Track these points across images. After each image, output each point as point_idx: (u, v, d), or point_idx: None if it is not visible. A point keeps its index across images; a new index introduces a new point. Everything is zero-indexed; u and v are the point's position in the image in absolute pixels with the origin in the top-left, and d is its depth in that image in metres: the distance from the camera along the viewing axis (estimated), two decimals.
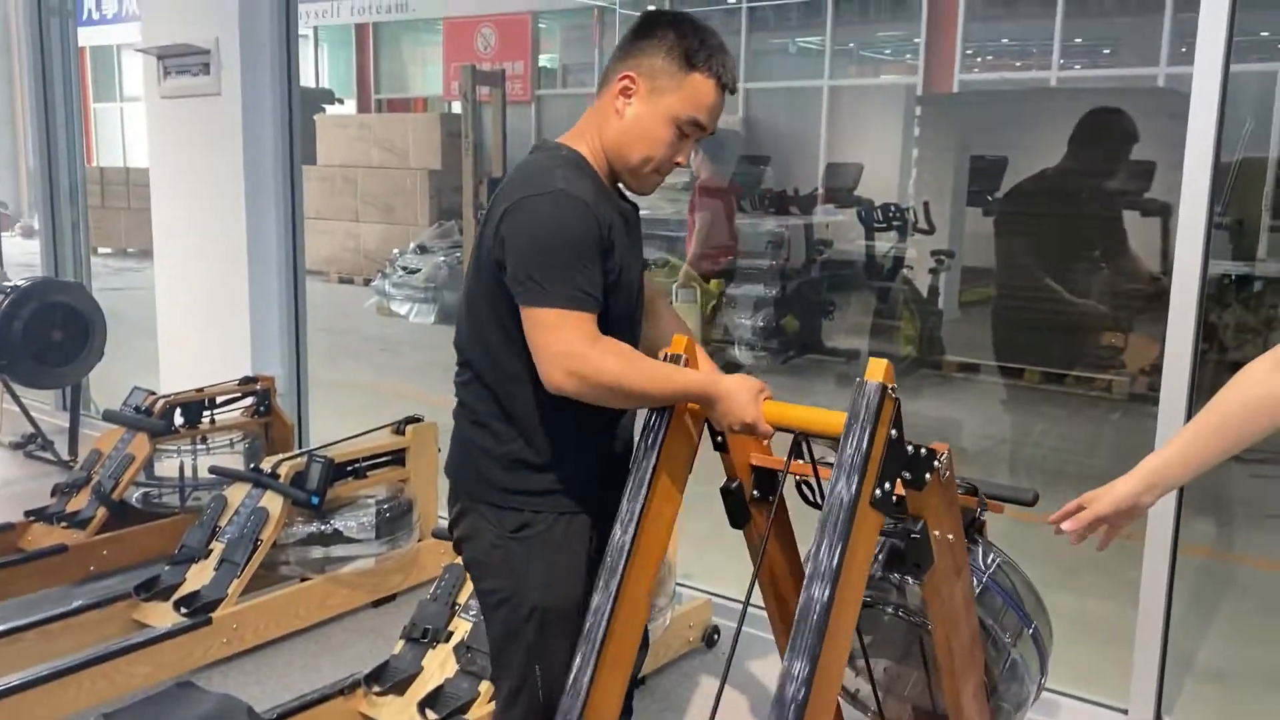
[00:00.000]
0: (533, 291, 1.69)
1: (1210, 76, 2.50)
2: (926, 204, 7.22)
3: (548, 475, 1.82)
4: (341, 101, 13.79)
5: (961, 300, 6.88)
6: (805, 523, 2.01)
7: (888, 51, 12.23)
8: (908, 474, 1.65)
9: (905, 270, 7.38)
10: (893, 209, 7.79)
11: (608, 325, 1.76)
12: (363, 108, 15.00)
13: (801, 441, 1.76)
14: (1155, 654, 2.65)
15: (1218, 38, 2.48)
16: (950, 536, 1.81)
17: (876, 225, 7.65)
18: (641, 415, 1.90)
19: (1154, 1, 9.26)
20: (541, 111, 13.72)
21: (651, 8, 1.94)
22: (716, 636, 3.19)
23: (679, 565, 3.16)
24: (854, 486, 1.57)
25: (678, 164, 1.83)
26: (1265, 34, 8.66)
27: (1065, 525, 1.68)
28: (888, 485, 1.61)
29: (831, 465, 1.64)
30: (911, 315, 7.07)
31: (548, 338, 1.69)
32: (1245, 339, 6.78)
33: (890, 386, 1.59)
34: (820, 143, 10.92)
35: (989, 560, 2.11)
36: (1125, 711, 2.70)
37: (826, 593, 1.54)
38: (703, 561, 3.60)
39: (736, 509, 1.88)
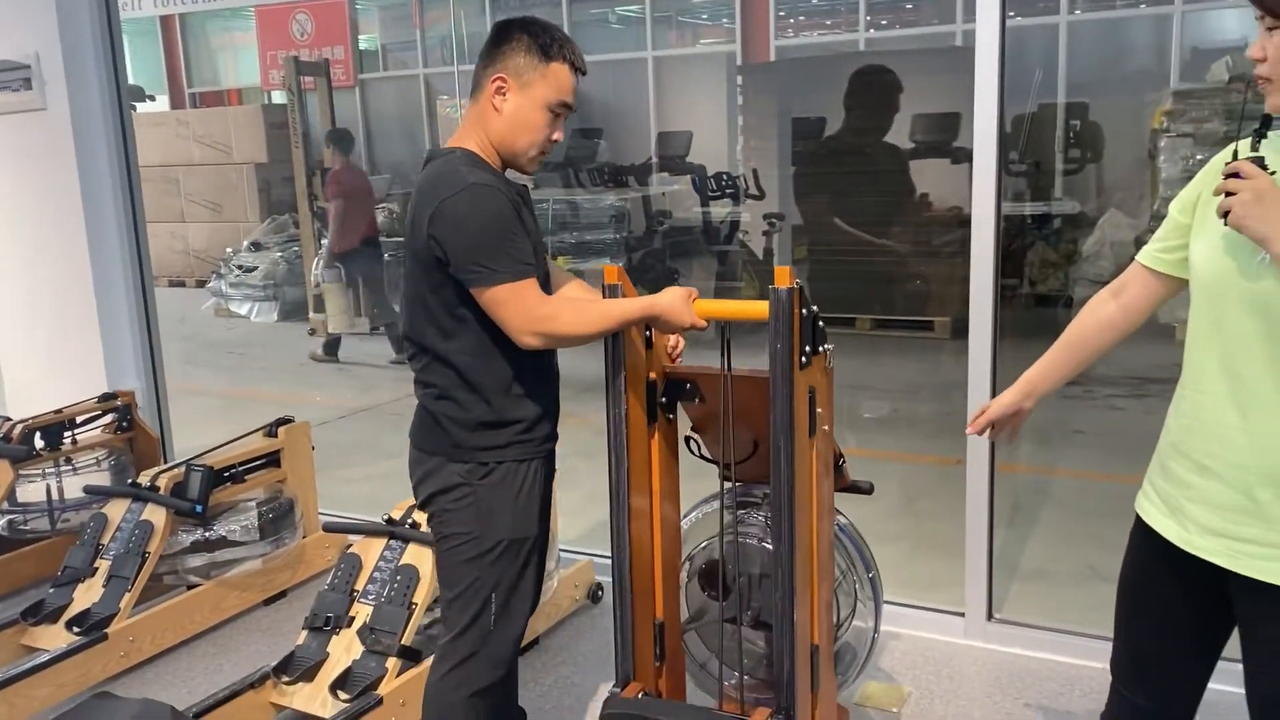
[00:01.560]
0: (482, 275, 1.97)
1: (990, 31, 2.80)
2: (755, 171, 7.58)
3: (508, 429, 2.12)
4: (153, 98, 13.22)
5: (795, 258, 7.30)
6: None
7: (704, 16, 12.56)
8: (809, 347, 2.03)
9: (741, 234, 7.75)
10: (725, 177, 8.14)
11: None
12: (176, 103, 14.39)
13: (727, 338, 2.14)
14: (983, 561, 3.03)
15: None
16: (826, 428, 2.15)
17: (711, 194, 7.98)
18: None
19: None
20: (366, 96, 13.51)
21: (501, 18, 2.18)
22: (600, 593, 3.42)
23: (560, 532, 3.37)
24: (787, 348, 1.96)
25: (556, 142, 2.12)
26: None
27: (968, 429, 2.04)
28: (807, 349, 2.01)
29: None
30: (751, 276, 7.46)
31: (508, 310, 1.99)
32: (1049, 273, 7.45)
33: (795, 283, 1.96)
34: (650, 113, 11.19)
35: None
36: (962, 614, 3.08)
37: (787, 439, 1.98)
38: (577, 527, 3.83)
39: (649, 405, 2.21)
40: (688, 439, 2.34)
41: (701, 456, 2.36)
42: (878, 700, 2.77)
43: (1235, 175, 1.48)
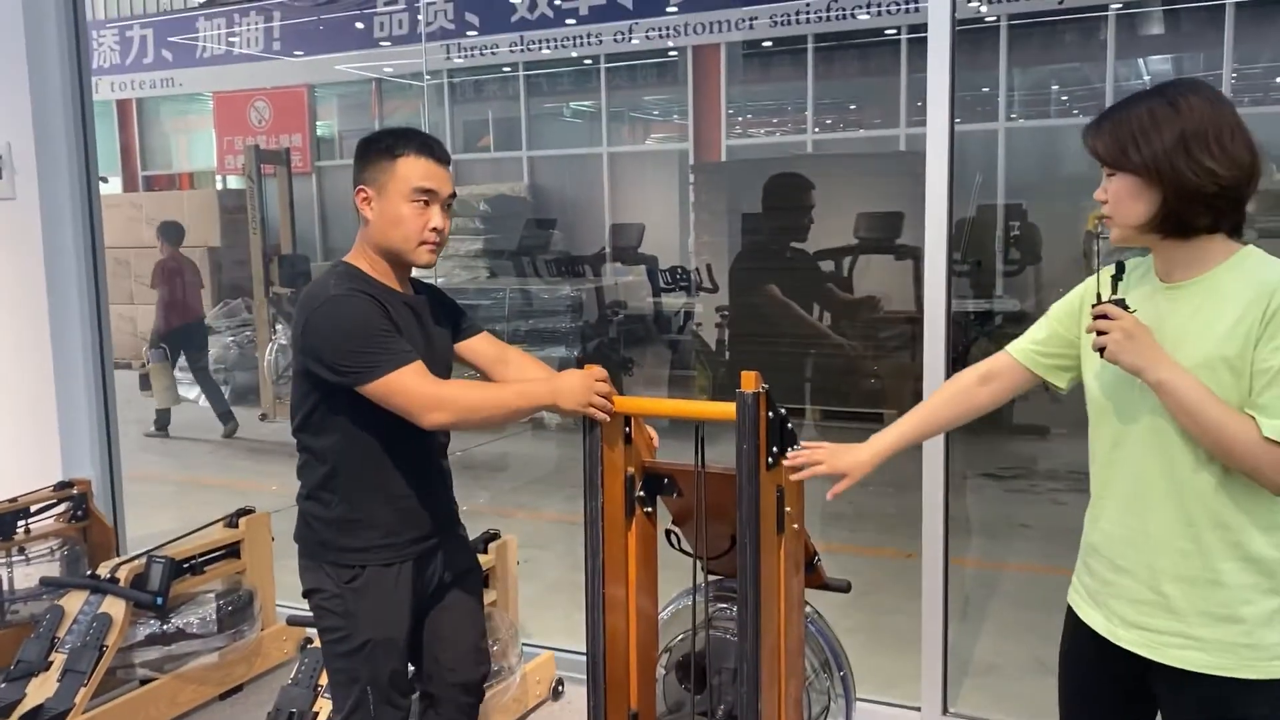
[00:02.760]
0: (361, 373, 2.09)
1: (940, 135, 2.97)
2: (709, 266, 7.78)
3: (370, 532, 2.23)
4: (106, 180, 13.20)
5: (733, 348, 7.45)
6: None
7: (657, 113, 12.94)
8: (776, 448, 2.11)
9: (694, 325, 7.91)
10: (679, 271, 8.34)
11: None
12: (129, 186, 14.39)
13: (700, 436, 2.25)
14: (938, 656, 3.10)
15: (942, 106, 2.94)
16: (796, 526, 2.22)
17: (665, 286, 8.16)
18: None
19: (891, 65, 10.32)
20: (322, 182, 13.63)
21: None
22: (561, 689, 3.43)
23: (520, 625, 3.39)
24: (753, 449, 2.06)
25: (437, 230, 2.21)
26: (986, 90, 9.84)
27: (799, 475, 2.10)
28: (775, 450, 2.09)
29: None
30: (703, 365, 7.60)
31: (399, 398, 2.09)
32: None
33: (762, 387, 2.05)
34: (604, 205, 11.44)
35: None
36: (919, 709, 3.14)
37: (753, 536, 2.07)
38: (539, 620, 3.84)
39: (627, 498, 2.28)
40: (668, 533, 2.41)
41: (681, 550, 2.43)
42: None
43: (1104, 315, 1.67)
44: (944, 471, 3.07)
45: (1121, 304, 1.69)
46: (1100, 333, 1.66)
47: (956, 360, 3.17)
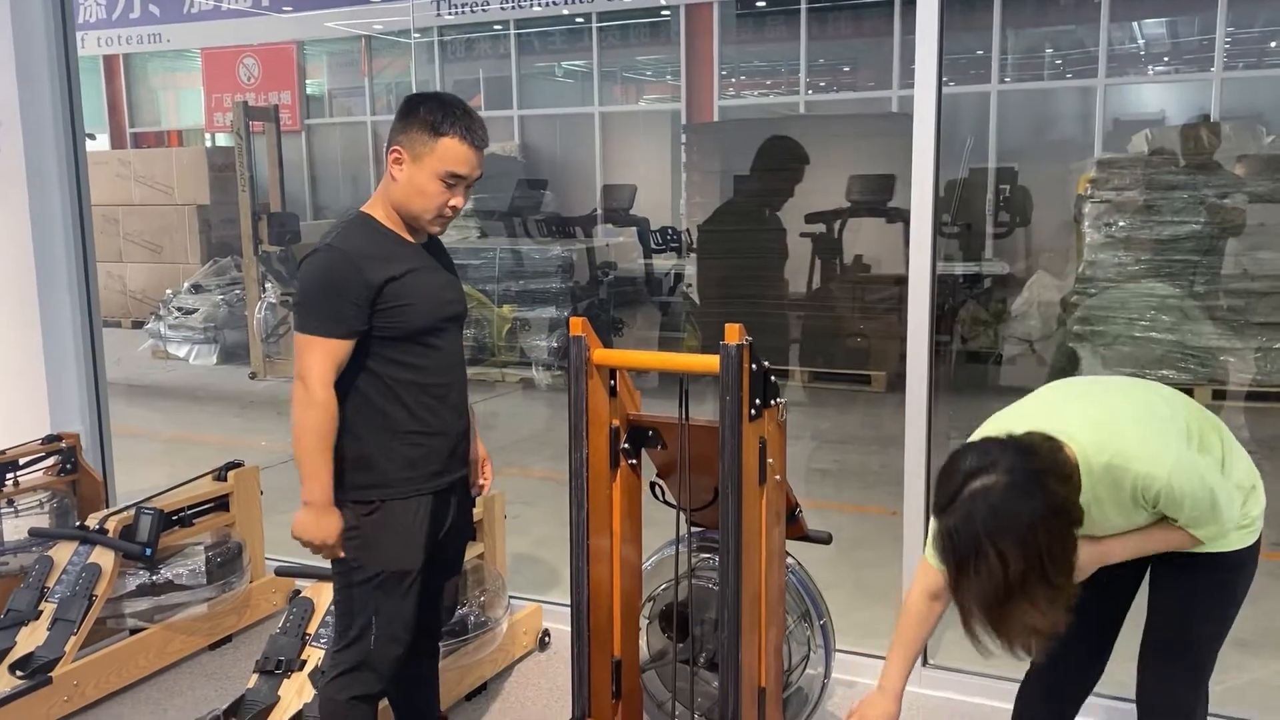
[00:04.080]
0: (298, 320, 2.24)
1: (928, 97, 2.96)
2: (700, 226, 7.76)
3: (386, 467, 2.30)
4: (94, 137, 13.09)
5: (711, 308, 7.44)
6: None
7: (650, 74, 12.86)
8: (758, 400, 2.15)
9: (685, 287, 7.91)
10: (670, 232, 8.31)
11: (408, 340, 2.26)
12: (117, 143, 14.26)
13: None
14: None
15: (930, 70, 2.94)
16: (778, 478, 2.25)
17: (655, 247, 8.14)
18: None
19: (884, 26, 10.25)
20: (312, 140, 13.53)
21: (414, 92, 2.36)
22: (547, 639, 3.47)
23: (508, 579, 3.43)
24: (736, 401, 2.10)
25: (455, 208, 2.29)
26: (979, 52, 9.80)
27: None
28: (757, 402, 2.13)
29: None
30: (693, 327, 7.61)
31: (299, 362, 2.22)
32: (979, 330, 7.72)
33: (745, 339, 2.10)
34: (596, 166, 11.38)
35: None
36: None
37: (735, 487, 2.10)
38: (526, 573, 3.89)
39: (611, 450, 2.33)
40: (653, 485, 2.44)
41: (665, 502, 2.46)
42: None
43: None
44: (926, 430, 3.10)
45: None
46: None
47: (940, 317, 3.19)
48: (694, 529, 2.51)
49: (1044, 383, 2.15)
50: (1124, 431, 1.82)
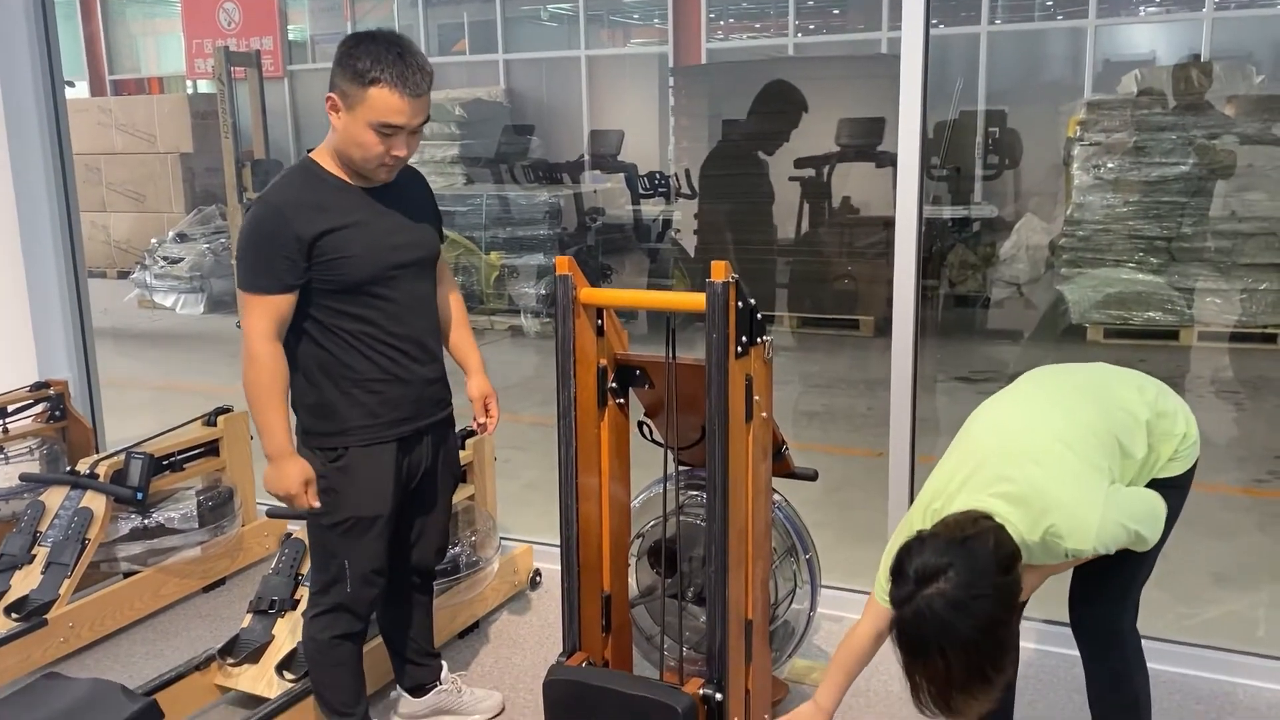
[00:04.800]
0: (239, 277, 2.24)
1: (915, 38, 2.92)
2: (687, 170, 7.72)
3: (348, 413, 2.30)
4: (73, 84, 12.90)
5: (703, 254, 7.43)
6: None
7: (636, 16, 12.69)
8: (745, 337, 2.15)
9: (673, 232, 7.88)
10: (658, 176, 8.26)
11: (352, 291, 2.23)
12: (97, 90, 14.05)
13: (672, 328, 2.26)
14: None
15: (918, 11, 2.90)
16: (764, 415, 2.26)
17: (643, 192, 8.09)
18: None
19: None
20: (295, 87, 13.34)
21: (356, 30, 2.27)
22: (539, 579, 3.52)
23: (499, 520, 3.46)
24: (722, 338, 2.09)
25: (398, 157, 2.20)
26: None
27: None
28: (744, 339, 2.12)
29: None
30: (682, 273, 7.60)
31: (243, 320, 2.21)
32: (968, 274, 7.73)
33: (731, 277, 2.10)
34: (583, 111, 11.27)
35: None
36: None
37: (721, 424, 2.11)
38: (517, 515, 3.92)
39: (599, 389, 2.33)
40: (640, 424, 2.45)
41: (653, 441, 2.48)
42: (807, 676, 2.91)
43: None
44: (912, 373, 3.12)
45: None
46: None
47: (928, 261, 3.19)
48: (681, 467, 2.54)
49: (1032, 326, 2.19)
50: (1050, 509, 1.90)
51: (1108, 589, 2.13)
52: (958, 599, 1.75)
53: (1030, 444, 1.99)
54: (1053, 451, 1.96)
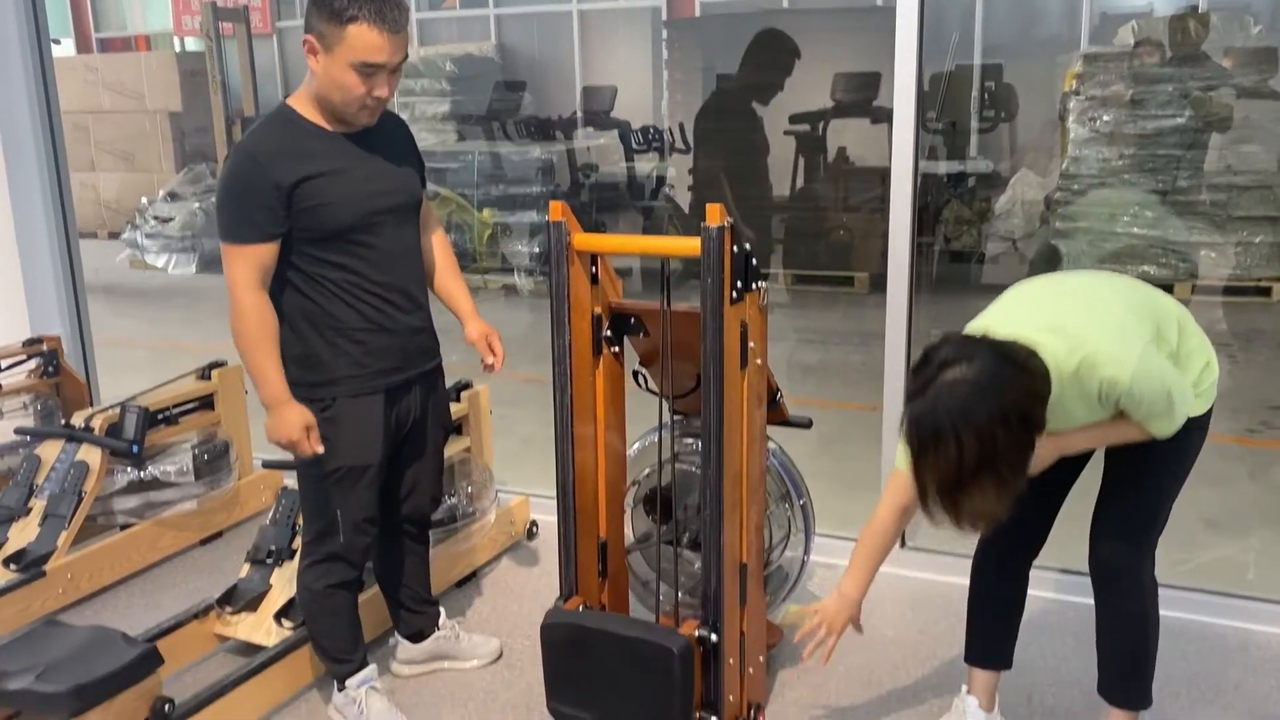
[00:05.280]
0: (220, 229, 2.20)
1: None
2: (681, 125, 7.67)
3: (334, 363, 2.29)
4: (58, 42, 12.74)
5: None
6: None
7: None
8: (740, 283, 2.15)
9: (667, 189, 7.83)
10: (651, 131, 8.20)
11: (334, 239, 2.22)
12: (83, 48, 13.88)
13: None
14: None
15: None
16: (759, 362, 2.27)
17: (636, 147, 8.03)
18: None
19: None
20: (284, 43, 13.18)
21: None
22: (535, 529, 3.53)
23: (496, 473, 3.47)
24: (718, 284, 2.10)
25: (379, 98, 2.18)
26: None
27: (817, 655, 2.20)
28: (739, 285, 2.13)
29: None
30: (676, 230, 7.57)
31: (227, 273, 2.20)
32: (963, 229, 7.71)
33: (726, 221, 2.10)
34: (575, 66, 11.16)
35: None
36: None
37: (716, 369, 2.12)
38: (513, 469, 3.94)
39: (594, 337, 2.34)
40: (635, 373, 2.45)
41: (649, 390, 2.48)
42: (797, 620, 2.93)
43: None
44: (906, 328, 3.12)
45: None
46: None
47: (923, 216, 3.18)
48: (676, 416, 2.54)
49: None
50: (1091, 338, 1.89)
51: (1131, 527, 2.12)
52: (980, 382, 1.72)
53: (1074, 290, 2.03)
54: (1097, 300, 1.99)
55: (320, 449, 2.27)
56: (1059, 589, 3.00)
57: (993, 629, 2.35)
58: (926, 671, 2.70)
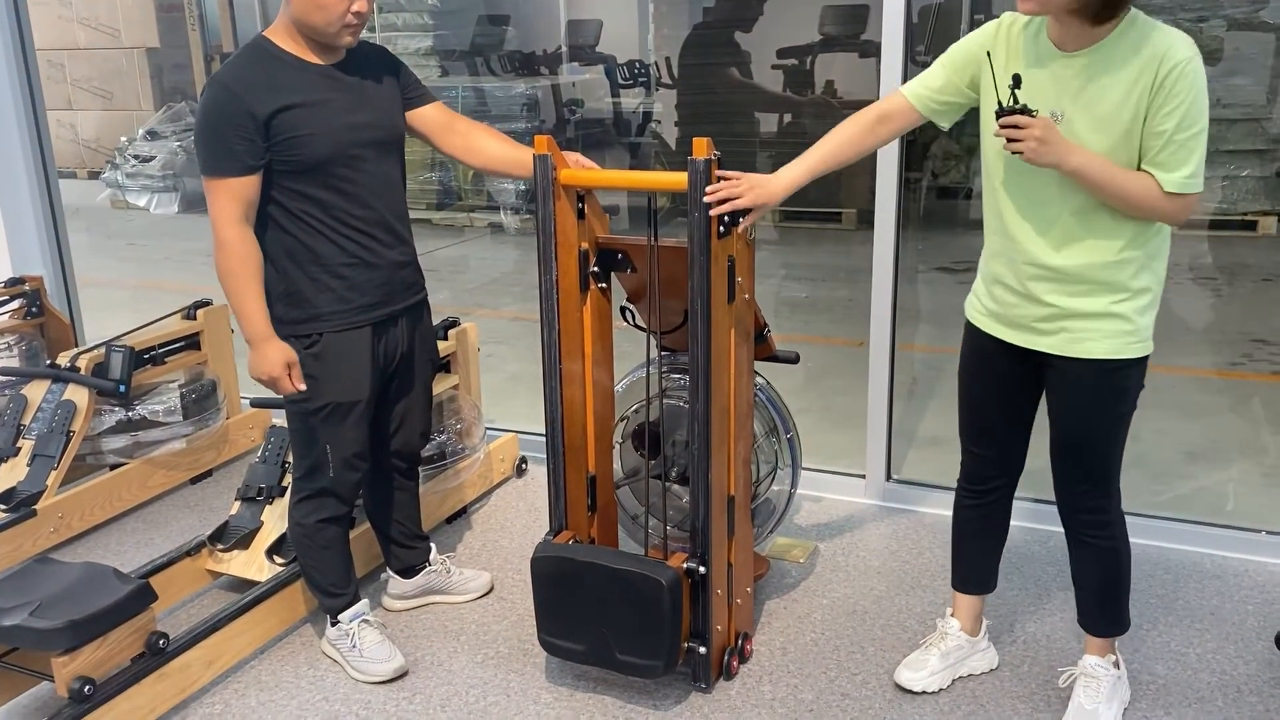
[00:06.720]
0: (200, 163, 2.17)
1: None
2: (668, 59, 7.56)
3: (319, 299, 2.29)
4: None
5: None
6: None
7: None
8: (727, 218, 2.15)
9: (654, 125, 7.76)
10: (638, 65, 8.09)
11: (314, 172, 2.20)
12: None
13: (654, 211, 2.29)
14: (883, 428, 3.24)
15: None
16: (746, 296, 2.28)
17: (623, 82, 7.94)
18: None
19: None
20: None
21: None
22: (524, 466, 3.56)
23: (485, 411, 3.48)
24: (704, 218, 2.11)
25: (359, 13, 2.17)
26: None
27: (720, 209, 2.14)
28: (726, 219, 2.14)
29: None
30: (664, 167, 7.51)
31: (211, 207, 2.19)
32: (951, 165, 7.67)
33: (714, 154, 2.10)
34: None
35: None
36: (863, 476, 3.30)
37: (704, 304, 2.14)
38: (502, 407, 3.95)
39: (581, 273, 2.35)
40: (623, 309, 2.46)
41: (636, 325, 2.48)
42: (787, 553, 2.99)
43: (1014, 125, 1.84)
44: (893, 264, 3.13)
45: (1026, 110, 1.86)
46: (1012, 139, 1.85)
47: (912, 154, 3.15)
48: (664, 351, 2.55)
49: None
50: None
51: (1089, 474, 2.13)
52: None
53: None
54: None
55: (302, 386, 2.27)
56: (1036, 518, 3.05)
57: (975, 555, 2.40)
58: (911, 601, 2.75)
